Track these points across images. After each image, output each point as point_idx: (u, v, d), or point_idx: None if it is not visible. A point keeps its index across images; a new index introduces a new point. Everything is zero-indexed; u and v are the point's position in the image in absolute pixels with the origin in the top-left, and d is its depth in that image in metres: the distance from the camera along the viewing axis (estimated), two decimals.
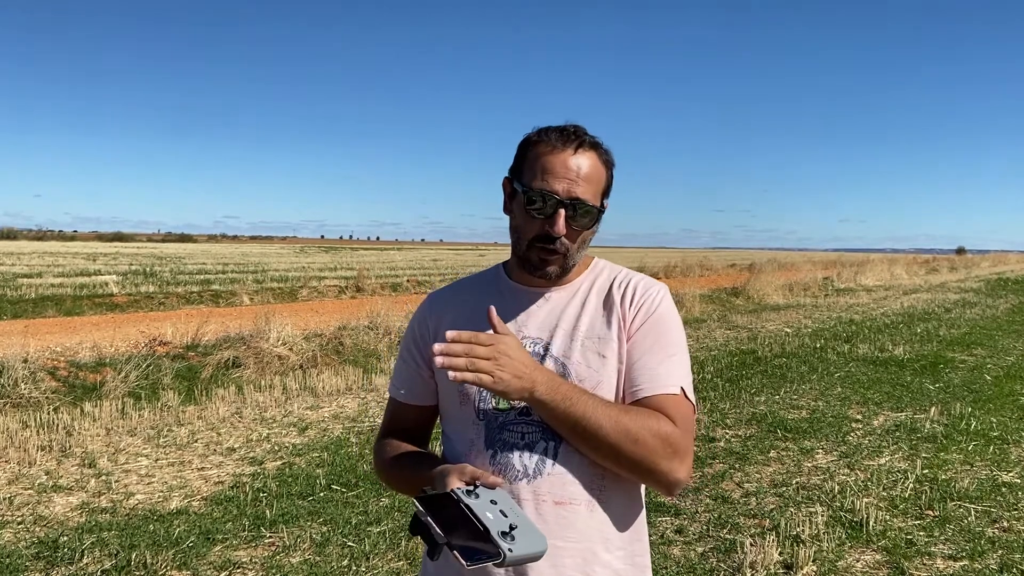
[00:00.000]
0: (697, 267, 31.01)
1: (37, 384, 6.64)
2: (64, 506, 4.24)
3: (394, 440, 1.48)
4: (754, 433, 5.84)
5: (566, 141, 1.34)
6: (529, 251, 1.35)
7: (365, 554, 3.64)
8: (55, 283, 18.57)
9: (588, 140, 1.35)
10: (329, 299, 17.93)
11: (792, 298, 18.63)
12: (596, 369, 1.34)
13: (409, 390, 1.48)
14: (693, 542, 3.83)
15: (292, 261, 37.87)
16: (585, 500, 1.31)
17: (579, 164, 1.33)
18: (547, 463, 1.30)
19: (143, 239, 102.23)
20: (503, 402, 1.33)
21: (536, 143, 1.36)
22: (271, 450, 5.36)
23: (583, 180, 1.33)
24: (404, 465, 1.42)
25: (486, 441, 1.33)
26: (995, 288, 23.96)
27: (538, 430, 1.32)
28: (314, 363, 8.44)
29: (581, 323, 1.38)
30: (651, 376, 1.32)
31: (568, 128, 1.35)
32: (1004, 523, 4.08)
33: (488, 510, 1.14)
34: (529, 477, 1.30)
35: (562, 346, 1.36)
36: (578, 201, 1.32)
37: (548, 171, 1.32)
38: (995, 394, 7.40)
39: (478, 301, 1.43)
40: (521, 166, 1.37)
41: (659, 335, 1.36)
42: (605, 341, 1.36)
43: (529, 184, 1.33)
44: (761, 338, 11.25)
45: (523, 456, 1.31)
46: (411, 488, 1.42)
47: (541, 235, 1.33)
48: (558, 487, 1.30)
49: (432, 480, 1.28)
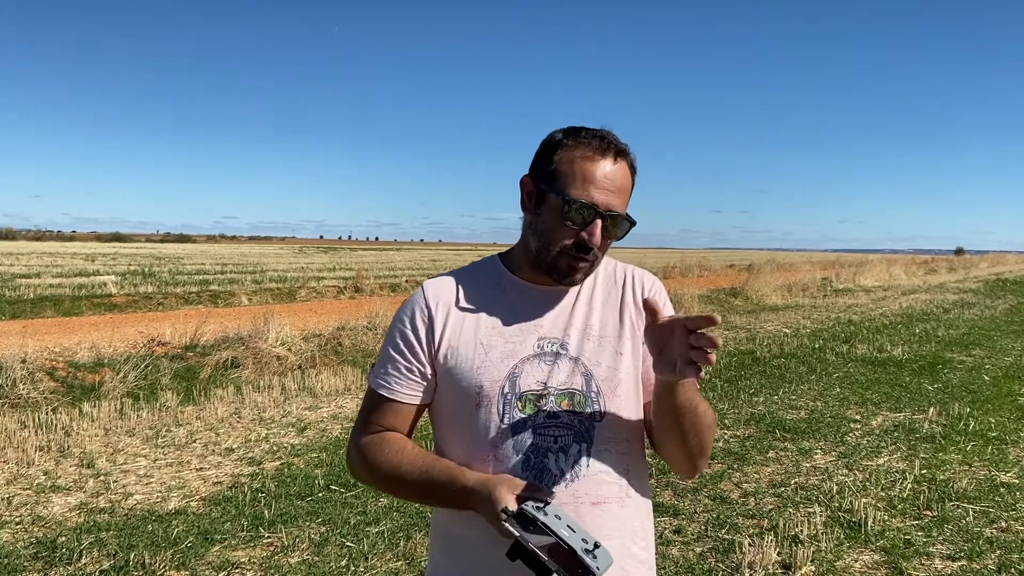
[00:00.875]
0: (696, 267, 31.08)
1: (35, 384, 6.64)
2: (62, 506, 4.23)
3: (393, 439, 1.37)
4: (753, 433, 5.85)
5: (605, 150, 1.31)
6: (559, 258, 1.32)
7: (364, 554, 3.64)
8: (54, 283, 18.55)
9: (624, 149, 1.34)
10: (328, 299, 17.92)
11: (791, 299, 18.64)
12: (616, 368, 1.35)
13: (406, 387, 1.38)
14: (692, 542, 3.83)
15: (291, 261, 37.86)
16: (616, 498, 1.33)
17: (616, 175, 1.31)
18: (582, 465, 1.31)
19: (142, 239, 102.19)
20: (529, 406, 1.32)
21: (571, 147, 1.32)
22: (270, 450, 5.36)
23: (619, 191, 1.31)
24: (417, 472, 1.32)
25: (515, 446, 1.30)
26: (993, 289, 23.99)
27: (569, 433, 1.31)
28: (313, 363, 8.44)
29: (593, 321, 1.38)
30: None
31: (604, 135, 1.33)
32: (1002, 523, 4.09)
33: (560, 527, 1.14)
34: (567, 480, 1.30)
35: (579, 345, 1.35)
36: (615, 214, 1.31)
37: (588, 180, 1.30)
38: (993, 394, 7.40)
39: (483, 296, 1.40)
40: (551, 168, 1.33)
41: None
42: (621, 338, 1.37)
43: (566, 191, 1.30)
44: (760, 338, 11.25)
45: (558, 460, 1.30)
46: (422, 497, 1.36)
47: (578, 244, 1.31)
48: (593, 488, 1.31)
49: (471, 492, 1.25)
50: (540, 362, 1.34)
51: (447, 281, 1.43)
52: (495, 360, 1.33)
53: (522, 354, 1.34)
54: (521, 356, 1.34)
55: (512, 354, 1.33)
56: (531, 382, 1.32)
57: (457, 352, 1.35)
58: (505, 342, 1.35)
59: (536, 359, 1.34)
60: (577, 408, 1.32)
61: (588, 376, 1.34)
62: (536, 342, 1.35)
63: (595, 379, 1.34)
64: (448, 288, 1.41)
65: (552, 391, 1.32)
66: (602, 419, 1.33)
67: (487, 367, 1.33)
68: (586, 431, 1.32)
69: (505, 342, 1.35)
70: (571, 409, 1.32)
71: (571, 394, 1.33)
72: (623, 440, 1.35)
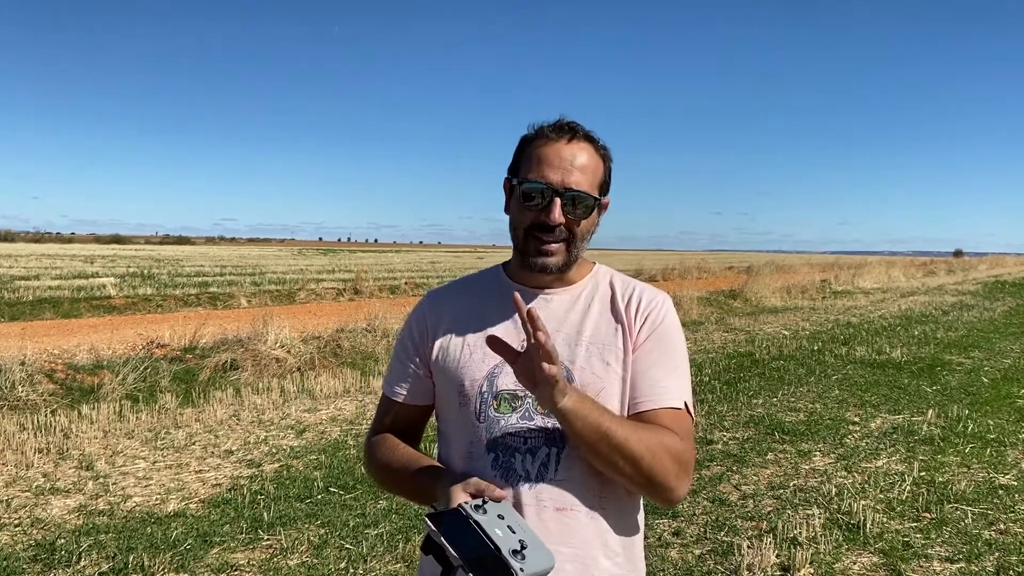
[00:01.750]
0: (695, 269, 31.04)
1: (34, 386, 6.63)
2: (61, 508, 4.23)
3: (389, 438, 1.46)
4: (752, 435, 5.85)
5: (559, 132, 1.34)
6: (527, 242, 1.35)
7: (363, 556, 3.64)
8: (52, 285, 18.54)
9: (582, 131, 1.36)
10: (327, 301, 17.91)
11: (790, 300, 18.65)
12: (600, 376, 1.33)
13: (406, 389, 1.45)
14: (691, 544, 3.83)
15: (290, 263, 37.85)
16: (586, 507, 1.31)
17: (573, 154, 1.33)
18: (549, 469, 1.30)
19: (141, 241, 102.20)
20: (504, 405, 1.33)
21: (532, 138, 1.37)
22: (269, 452, 5.36)
23: (578, 169, 1.33)
24: (402, 470, 1.39)
25: (487, 444, 1.32)
26: (992, 291, 24.01)
27: (540, 435, 1.31)
28: (312, 365, 8.43)
29: (585, 328, 1.37)
30: (657, 389, 1.32)
31: (562, 121, 1.36)
32: (1001, 526, 4.09)
33: (497, 526, 1.14)
34: (531, 482, 1.30)
35: (565, 350, 1.35)
36: (573, 191, 1.32)
37: (543, 161, 1.33)
38: (992, 396, 7.41)
39: (478, 301, 1.43)
40: (518, 162, 1.38)
41: (665, 347, 1.36)
42: (610, 348, 1.36)
43: (525, 176, 1.34)
44: (759, 340, 11.26)
45: (525, 460, 1.30)
46: (407, 493, 1.42)
47: (537, 223, 1.33)
48: (559, 493, 1.30)
49: (435, 494, 1.28)
50: None
51: (448, 287, 1.51)
52: (477, 360, 1.36)
53: None
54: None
55: (494, 355, 1.32)
56: (509, 382, 1.33)
57: (447, 353, 1.40)
58: None
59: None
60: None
61: (571, 381, 1.31)
62: (521, 343, 1.33)
63: (577, 384, 1.31)
64: (447, 294, 1.49)
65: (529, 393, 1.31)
66: None
67: (469, 366, 1.37)
68: (559, 436, 1.30)
69: None
70: (546, 413, 1.30)
71: None
72: None
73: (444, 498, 1.24)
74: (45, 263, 30.61)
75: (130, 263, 32.79)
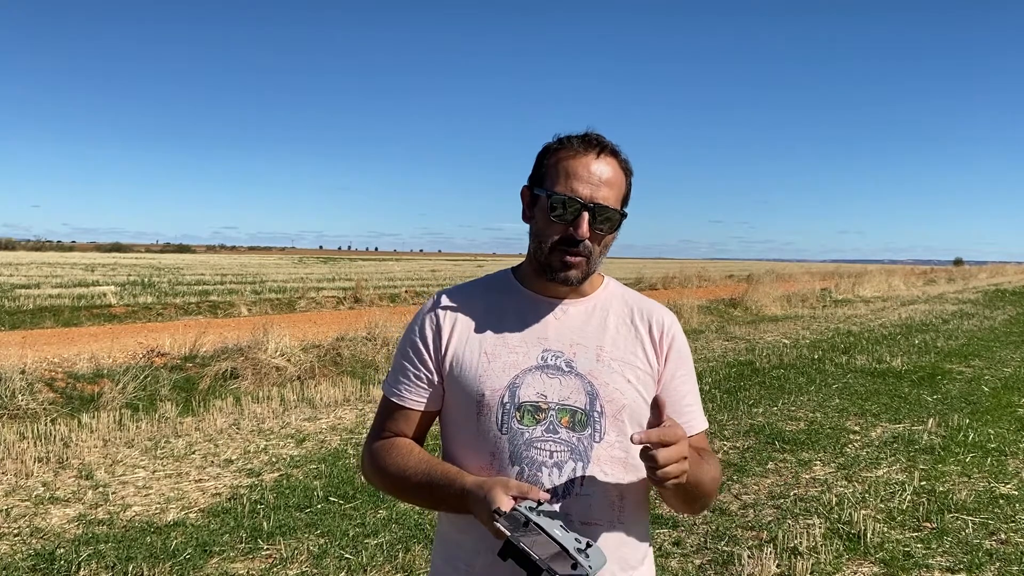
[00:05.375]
0: (695, 278, 31.02)
1: (34, 395, 6.63)
2: (61, 518, 4.23)
3: (400, 441, 1.41)
4: (752, 445, 5.84)
5: (588, 146, 1.35)
6: (551, 255, 1.34)
7: (362, 566, 3.64)
8: (53, 294, 18.55)
9: (609, 146, 1.36)
10: (327, 310, 17.91)
11: (790, 309, 18.65)
12: (623, 392, 1.35)
13: (412, 393, 1.41)
14: (691, 554, 3.82)
15: (290, 272, 37.86)
16: (607, 520, 1.33)
17: (601, 169, 1.34)
18: (576, 484, 1.31)
19: (141, 250, 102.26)
20: (528, 417, 1.32)
21: (557, 150, 1.37)
22: (268, 462, 5.35)
23: (605, 185, 1.33)
24: (420, 475, 1.34)
25: (511, 457, 1.31)
26: (993, 299, 24.00)
27: (566, 449, 1.31)
28: (312, 374, 8.43)
29: (605, 343, 1.38)
30: (691, 413, 1.41)
31: (589, 135, 1.36)
32: (1002, 535, 4.08)
33: (555, 527, 1.15)
34: (558, 496, 1.30)
35: (588, 365, 1.36)
36: (601, 206, 1.32)
37: (571, 175, 1.33)
38: (993, 406, 7.40)
39: (491, 307, 1.42)
40: (543, 173, 1.37)
41: (687, 370, 1.44)
42: (631, 366, 1.37)
43: (552, 189, 1.33)
44: (759, 349, 11.25)
45: (552, 475, 1.31)
46: (423, 499, 1.38)
47: (565, 238, 1.33)
48: (585, 507, 1.31)
49: (465, 499, 1.26)
50: (542, 374, 1.34)
51: (458, 291, 1.47)
52: (497, 370, 1.35)
53: (524, 365, 1.35)
54: (523, 367, 1.35)
55: (514, 364, 1.34)
56: (531, 393, 1.33)
57: (462, 361, 1.37)
58: (509, 352, 1.36)
59: (539, 371, 1.35)
60: (577, 426, 1.32)
61: (593, 396, 1.34)
62: (540, 354, 1.36)
63: (600, 399, 1.34)
64: (458, 298, 1.45)
65: (553, 405, 1.32)
66: (601, 440, 1.33)
67: (489, 376, 1.35)
68: (584, 450, 1.32)
69: (509, 352, 1.36)
70: (571, 426, 1.32)
71: (572, 411, 1.33)
72: (620, 464, 1.34)
73: (476, 499, 1.23)
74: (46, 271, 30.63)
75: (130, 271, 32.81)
